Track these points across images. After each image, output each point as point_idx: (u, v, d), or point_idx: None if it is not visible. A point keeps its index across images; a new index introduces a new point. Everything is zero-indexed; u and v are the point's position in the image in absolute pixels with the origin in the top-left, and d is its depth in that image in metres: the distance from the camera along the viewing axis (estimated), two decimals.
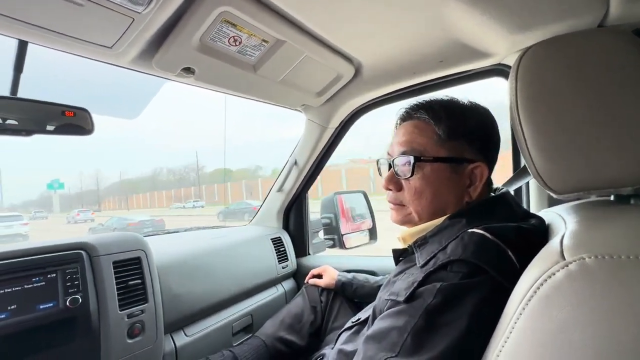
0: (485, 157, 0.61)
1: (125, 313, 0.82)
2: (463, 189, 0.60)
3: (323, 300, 1.11)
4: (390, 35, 0.83)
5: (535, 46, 0.48)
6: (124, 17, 0.61)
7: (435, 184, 0.59)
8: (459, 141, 0.59)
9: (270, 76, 0.94)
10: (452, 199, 0.60)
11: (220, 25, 0.71)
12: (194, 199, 34.91)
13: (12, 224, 13.71)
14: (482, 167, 0.59)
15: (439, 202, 0.60)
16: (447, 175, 0.59)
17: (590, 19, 0.65)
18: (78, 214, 25.79)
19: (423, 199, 0.60)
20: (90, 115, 0.75)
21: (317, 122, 1.29)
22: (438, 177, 0.59)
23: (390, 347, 0.44)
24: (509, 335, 0.36)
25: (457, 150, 0.59)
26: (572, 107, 0.44)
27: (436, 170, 0.59)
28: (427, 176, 0.59)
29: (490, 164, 0.62)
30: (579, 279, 0.32)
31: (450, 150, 0.59)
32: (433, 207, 0.60)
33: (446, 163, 0.59)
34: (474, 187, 0.59)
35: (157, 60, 0.75)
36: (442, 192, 0.60)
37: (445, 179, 0.59)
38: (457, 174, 0.59)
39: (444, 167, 0.59)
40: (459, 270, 0.45)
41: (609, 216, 0.43)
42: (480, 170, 0.59)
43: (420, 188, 0.60)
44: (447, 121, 0.59)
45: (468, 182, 0.60)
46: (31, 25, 0.60)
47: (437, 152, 0.59)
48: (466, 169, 0.59)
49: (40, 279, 0.71)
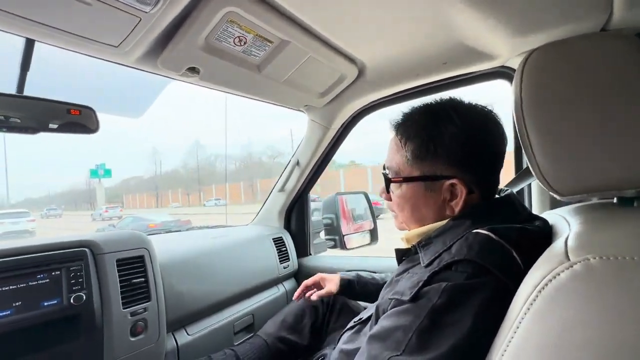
0: (466, 171, 0.57)
1: (129, 311, 0.82)
2: (442, 203, 0.58)
3: (324, 300, 1.11)
4: (394, 37, 0.84)
5: (540, 49, 0.48)
6: (131, 17, 0.62)
7: (411, 200, 0.61)
8: (431, 159, 0.58)
9: (274, 76, 0.94)
10: (431, 214, 0.60)
11: (225, 25, 0.71)
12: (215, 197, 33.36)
13: (19, 221, 13.78)
14: (457, 183, 0.56)
15: (419, 216, 0.62)
16: (422, 192, 0.60)
17: (594, 23, 0.65)
18: (106, 210, 24.35)
19: (405, 211, 0.64)
20: (96, 113, 0.76)
21: (319, 122, 1.29)
22: (414, 194, 0.61)
23: (394, 346, 0.44)
24: (513, 335, 0.37)
25: (429, 168, 0.58)
26: (576, 109, 0.44)
27: (411, 189, 0.61)
28: (404, 193, 0.62)
29: (473, 176, 0.57)
30: (584, 279, 0.32)
31: (421, 169, 0.59)
32: (414, 219, 0.63)
33: (419, 182, 0.59)
34: (455, 202, 0.57)
35: (163, 59, 0.75)
36: (419, 207, 0.61)
37: (421, 196, 0.60)
38: (433, 191, 0.58)
39: (417, 186, 0.60)
40: (464, 270, 0.46)
41: (612, 218, 0.44)
42: (459, 187, 0.56)
43: (400, 202, 0.63)
44: (416, 140, 0.59)
45: (448, 196, 0.58)
46: (38, 24, 0.60)
47: (410, 172, 0.60)
48: (443, 185, 0.57)
49: (44, 276, 0.72)
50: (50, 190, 74.98)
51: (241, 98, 1.08)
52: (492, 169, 0.60)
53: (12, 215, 14.27)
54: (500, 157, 0.60)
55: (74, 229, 17.66)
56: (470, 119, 0.57)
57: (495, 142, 0.59)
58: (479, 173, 0.58)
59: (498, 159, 0.60)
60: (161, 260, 0.95)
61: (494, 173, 0.60)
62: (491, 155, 0.59)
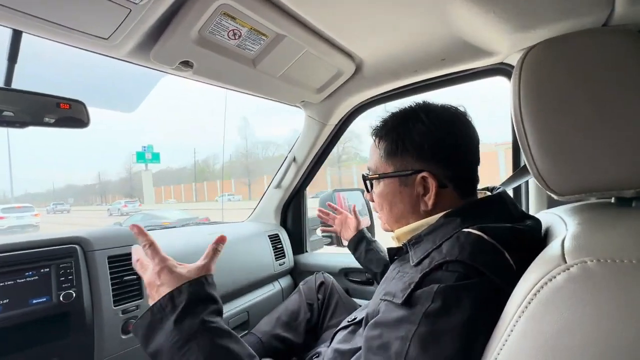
0: (436, 165, 0.59)
1: (120, 309, 0.81)
2: (417, 198, 0.60)
3: (320, 298, 1.10)
4: (393, 32, 0.82)
5: (539, 45, 0.47)
6: (120, 8, 0.60)
7: (388, 198, 0.64)
8: (400, 155, 0.61)
9: (270, 71, 0.93)
10: (408, 209, 0.62)
11: (219, 18, 0.69)
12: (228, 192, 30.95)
13: (24, 215, 13.72)
14: (427, 175, 0.58)
15: (396, 213, 0.64)
16: (397, 188, 0.62)
17: (595, 18, 0.64)
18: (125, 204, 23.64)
19: (383, 210, 0.66)
20: (86, 107, 0.74)
21: (316, 118, 1.28)
22: (390, 191, 0.64)
23: (395, 358, 0.43)
24: (507, 338, 0.36)
25: (401, 164, 0.61)
26: (575, 107, 0.43)
27: (387, 185, 0.64)
28: (381, 191, 0.65)
29: (446, 169, 0.59)
30: (581, 282, 0.32)
31: (394, 166, 0.62)
32: (393, 217, 0.65)
33: (392, 178, 0.63)
34: (428, 196, 0.59)
35: (155, 52, 0.74)
36: (395, 204, 0.63)
37: (396, 192, 0.63)
38: (407, 186, 0.61)
39: (392, 182, 0.63)
40: (454, 270, 0.45)
41: (610, 219, 0.43)
42: (429, 180, 0.58)
43: (379, 201, 0.67)
44: (387, 138, 0.63)
45: (421, 190, 0.60)
46: (26, 15, 0.58)
47: (384, 169, 0.64)
48: (415, 180, 0.60)
49: (33, 274, 0.71)
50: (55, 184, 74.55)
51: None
52: (462, 163, 0.61)
53: (16, 210, 14.19)
54: (470, 153, 0.61)
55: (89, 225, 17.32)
56: (438, 117, 0.60)
57: (463, 138, 0.60)
58: (449, 167, 0.59)
59: (467, 154, 0.61)
60: None
61: (466, 168, 0.61)
62: (459, 150, 0.60)
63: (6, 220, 13.03)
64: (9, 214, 13.38)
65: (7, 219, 13.13)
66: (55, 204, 34.02)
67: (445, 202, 0.59)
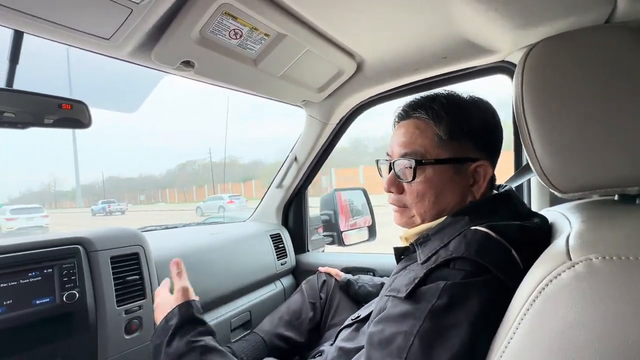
0: (489, 155, 0.59)
1: (123, 309, 0.81)
2: (466, 188, 0.59)
3: (322, 296, 1.10)
4: (394, 31, 0.82)
5: (541, 43, 0.47)
6: (121, 8, 0.60)
7: (437, 186, 0.58)
8: (461, 140, 0.57)
9: (271, 71, 0.93)
10: (456, 200, 0.59)
11: (220, 18, 0.69)
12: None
13: (33, 216, 13.64)
14: (486, 166, 0.57)
15: (442, 203, 0.59)
16: (449, 176, 0.57)
17: (597, 16, 0.64)
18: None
19: (426, 201, 0.59)
20: (88, 108, 0.74)
21: (317, 118, 1.28)
22: (441, 179, 0.58)
23: (397, 353, 0.43)
24: (512, 336, 0.36)
25: (460, 150, 0.57)
26: (578, 105, 0.43)
27: (438, 172, 0.57)
28: (429, 178, 0.58)
29: (493, 161, 0.60)
30: (586, 279, 0.32)
31: (452, 151, 0.57)
32: (436, 209, 0.59)
33: (449, 164, 0.57)
34: (478, 186, 0.58)
35: (156, 53, 0.74)
36: (445, 193, 0.58)
37: (448, 181, 0.58)
38: (460, 174, 0.58)
39: (446, 169, 0.57)
40: (461, 268, 0.45)
41: (614, 216, 0.43)
42: (483, 169, 0.57)
43: (423, 191, 0.59)
44: (447, 120, 0.57)
45: (471, 181, 0.58)
46: (27, 15, 0.58)
47: (439, 154, 0.57)
48: (469, 168, 0.58)
49: (36, 274, 0.71)
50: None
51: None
52: (498, 159, 0.62)
53: (25, 210, 14.09)
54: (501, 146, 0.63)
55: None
56: (486, 107, 0.61)
57: (502, 128, 0.62)
58: (495, 158, 0.61)
59: (501, 147, 0.63)
60: (157, 257, 0.94)
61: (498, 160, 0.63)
62: (501, 141, 0.62)
63: (16, 222, 13.01)
64: (19, 215, 13.31)
65: (17, 220, 13.10)
66: (105, 202, 26.36)
67: (484, 194, 0.60)
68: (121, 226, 0.92)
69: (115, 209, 24.57)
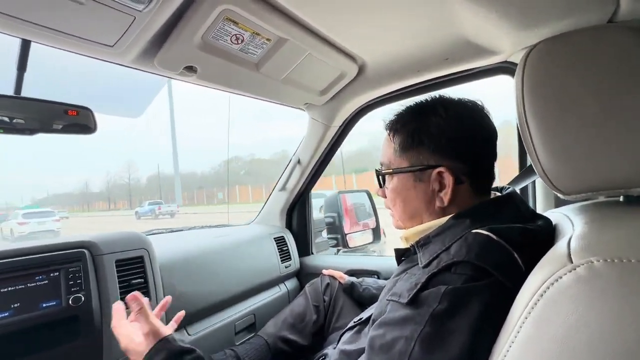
0: (452, 160, 0.57)
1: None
2: (432, 194, 0.59)
3: (326, 299, 1.10)
4: (395, 33, 0.82)
5: (542, 43, 0.46)
6: (125, 16, 0.61)
7: (402, 193, 0.63)
8: (416, 149, 0.60)
9: (273, 75, 0.94)
10: (422, 205, 0.61)
11: (222, 24, 0.70)
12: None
13: (45, 220, 13.78)
14: (444, 170, 0.56)
15: (410, 208, 0.62)
16: (411, 183, 0.61)
17: (600, 15, 0.63)
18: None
19: (397, 206, 0.65)
20: (93, 114, 0.75)
21: (320, 120, 1.28)
22: (404, 186, 0.62)
23: (398, 357, 0.43)
24: (514, 339, 0.36)
25: (416, 158, 0.60)
26: (580, 105, 0.43)
27: (401, 180, 0.62)
28: (395, 186, 0.63)
29: (463, 165, 0.57)
30: (587, 282, 0.31)
31: (409, 160, 0.61)
32: (407, 213, 0.63)
33: (408, 173, 0.61)
34: (444, 192, 0.57)
35: (159, 59, 0.75)
36: (410, 199, 0.62)
37: (411, 188, 0.61)
38: (422, 182, 0.59)
39: (406, 177, 0.61)
40: (463, 272, 0.44)
41: (618, 218, 0.42)
42: (446, 175, 0.57)
43: (392, 197, 0.65)
44: (402, 132, 0.61)
45: (437, 186, 0.58)
46: (34, 25, 0.60)
47: (399, 163, 0.62)
48: (431, 175, 0.58)
49: (43, 278, 0.72)
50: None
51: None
52: (480, 157, 0.59)
53: (37, 214, 14.24)
54: (487, 148, 0.60)
55: None
56: (455, 110, 0.59)
57: (481, 132, 0.59)
58: (466, 162, 0.58)
59: (485, 149, 0.60)
60: (162, 260, 0.95)
61: (483, 163, 0.60)
62: (476, 145, 0.59)
63: (28, 226, 13.13)
64: (30, 220, 13.44)
65: (29, 224, 13.23)
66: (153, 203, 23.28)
67: (461, 199, 0.58)
68: (126, 230, 0.93)
69: (165, 211, 21.67)
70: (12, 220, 13.71)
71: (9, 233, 13.04)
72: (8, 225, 13.54)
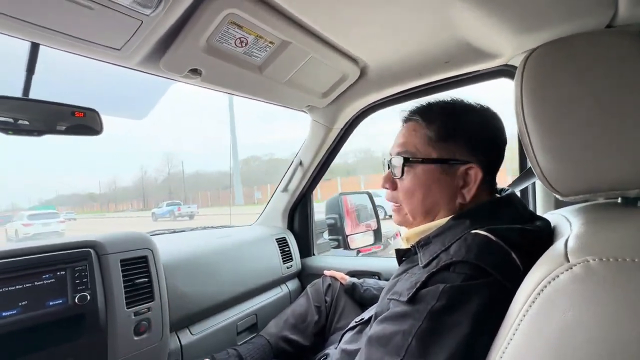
0: (482, 158, 0.59)
1: (132, 311, 0.83)
2: (455, 190, 0.59)
3: (327, 300, 1.11)
4: (396, 37, 0.83)
5: (541, 47, 0.47)
6: (132, 20, 0.62)
7: (425, 185, 0.60)
8: (450, 142, 0.59)
9: (276, 77, 0.95)
10: (444, 200, 0.60)
11: (226, 27, 0.72)
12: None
13: (50, 222, 13.73)
14: (476, 169, 0.58)
15: (430, 202, 0.61)
16: (437, 176, 0.60)
17: (599, 20, 0.64)
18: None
19: (414, 198, 0.62)
20: (100, 115, 0.77)
21: (322, 122, 1.29)
22: (429, 178, 0.60)
23: (395, 351, 0.44)
24: (512, 337, 0.36)
25: (449, 151, 0.59)
26: (578, 108, 0.43)
27: (427, 171, 0.60)
28: (418, 176, 0.61)
29: (488, 165, 0.60)
30: (583, 281, 0.32)
31: (441, 152, 0.60)
32: (424, 207, 0.61)
33: (437, 164, 0.60)
34: (468, 189, 0.58)
35: (165, 61, 0.76)
36: (432, 192, 0.60)
37: (436, 180, 0.60)
38: (449, 175, 0.59)
39: (434, 168, 0.60)
40: (461, 272, 0.45)
41: (614, 219, 0.43)
42: (474, 172, 0.58)
43: (412, 188, 0.62)
44: (439, 122, 0.60)
45: (461, 183, 0.59)
46: (43, 28, 0.61)
47: (428, 153, 0.60)
48: (459, 170, 0.59)
49: (50, 276, 0.73)
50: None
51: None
52: (497, 159, 0.62)
53: (42, 216, 14.25)
54: (503, 149, 0.63)
55: None
56: (485, 112, 0.62)
57: (502, 134, 0.63)
58: (491, 162, 0.61)
59: (503, 150, 0.63)
60: (165, 260, 0.96)
61: (497, 164, 0.63)
62: (499, 145, 0.62)
63: (32, 228, 13.09)
64: (35, 221, 13.43)
65: (34, 226, 13.19)
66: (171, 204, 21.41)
67: (477, 197, 0.59)
68: (130, 230, 0.94)
69: (185, 212, 19.96)
70: (17, 222, 13.76)
71: (14, 234, 13.08)
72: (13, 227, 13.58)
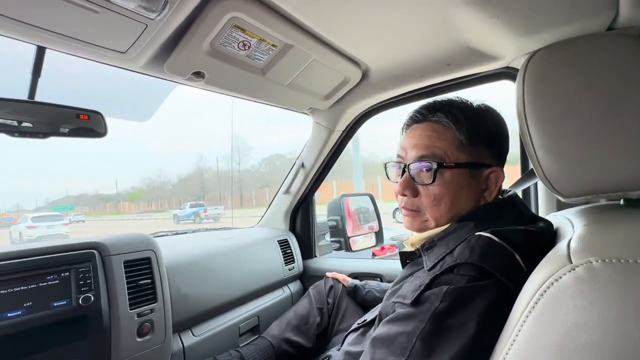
0: (501, 162, 0.62)
1: (135, 312, 0.83)
2: (479, 193, 0.60)
3: (329, 302, 1.11)
4: (398, 39, 0.84)
5: (542, 49, 0.48)
6: (137, 24, 0.63)
7: (454, 190, 0.58)
8: (477, 146, 0.58)
9: (279, 80, 0.95)
10: (470, 204, 0.59)
11: (230, 30, 0.72)
12: None
13: (54, 224, 13.75)
14: (499, 172, 0.59)
15: (457, 207, 0.58)
16: (465, 180, 0.58)
17: (599, 22, 0.65)
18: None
19: (442, 204, 0.58)
20: (104, 118, 0.77)
21: (324, 125, 1.30)
22: (457, 183, 0.58)
23: (399, 352, 0.44)
24: (515, 339, 0.36)
25: (476, 155, 0.58)
26: (579, 110, 0.44)
27: (456, 176, 0.58)
28: (447, 182, 0.57)
29: (503, 167, 0.62)
30: (586, 282, 0.32)
31: (469, 155, 0.58)
32: (452, 212, 0.59)
33: (466, 168, 0.58)
34: (489, 192, 0.59)
35: (169, 64, 0.77)
36: (460, 197, 0.58)
37: (464, 185, 0.58)
38: (475, 179, 0.59)
39: (463, 173, 0.58)
40: (465, 274, 0.45)
41: (617, 220, 0.43)
42: (495, 175, 0.59)
43: (440, 194, 0.58)
44: (467, 125, 0.58)
45: (484, 186, 0.60)
46: (49, 32, 0.62)
47: (458, 157, 0.57)
48: (483, 174, 0.59)
49: (54, 277, 0.73)
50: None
51: None
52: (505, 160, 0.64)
53: (46, 218, 14.30)
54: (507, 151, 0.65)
55: None
56: (498, 116, 0.63)
57: (508, 137, 0.64)
58: (503, 164, 0.62)
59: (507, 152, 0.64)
60: (168, 262, 0.96)
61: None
62: (508, 147, 0.64)
63: (37, 230, 13.10)
64: (39, 223, 13.45)
65: (38, 228, 13.21)
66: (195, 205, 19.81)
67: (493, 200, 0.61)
68: (135, 232, 0.95)
69: (211, 214, 18.67)
70: (21, 224, 13.80)
71: (18, 237, 13.13)
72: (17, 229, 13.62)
